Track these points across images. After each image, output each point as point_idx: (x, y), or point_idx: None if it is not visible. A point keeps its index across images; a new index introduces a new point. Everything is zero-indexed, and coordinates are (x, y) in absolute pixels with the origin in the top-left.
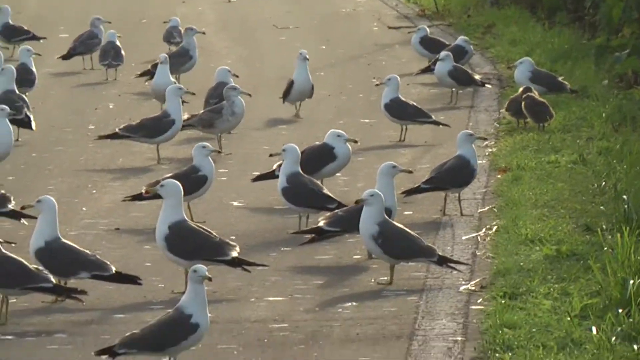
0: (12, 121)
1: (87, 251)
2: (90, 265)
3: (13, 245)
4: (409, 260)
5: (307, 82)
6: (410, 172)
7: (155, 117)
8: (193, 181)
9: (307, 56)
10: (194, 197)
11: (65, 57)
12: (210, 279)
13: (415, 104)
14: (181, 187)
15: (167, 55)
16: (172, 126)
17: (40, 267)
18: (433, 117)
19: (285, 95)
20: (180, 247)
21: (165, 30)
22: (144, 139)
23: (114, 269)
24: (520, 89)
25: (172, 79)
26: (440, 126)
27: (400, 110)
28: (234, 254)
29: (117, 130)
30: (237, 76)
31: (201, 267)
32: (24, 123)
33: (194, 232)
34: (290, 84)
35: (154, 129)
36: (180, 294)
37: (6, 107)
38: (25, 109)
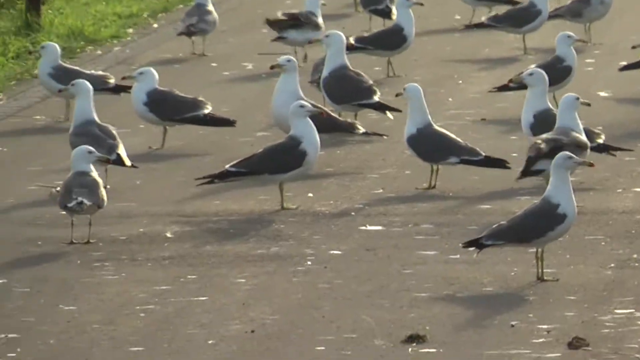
0: (374, 11)
1: (457, 138)
2: (459, 150)
3: (385, 137)
4: None
5: None
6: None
7: (522, 7)
8: (558, 71)
9: None
10: (558, 88)
11: None
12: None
13: None
14: (545, 76)
15: None
16: (538, 16)
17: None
18: None
19: None
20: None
21: None
22: (511, 28)
23: (483, 154)
24: None
25: None
26: None
27: None
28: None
29: (483, 19)
30: None
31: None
32: (385, 14)
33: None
34: None
35: (520, 18)
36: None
37: None
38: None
